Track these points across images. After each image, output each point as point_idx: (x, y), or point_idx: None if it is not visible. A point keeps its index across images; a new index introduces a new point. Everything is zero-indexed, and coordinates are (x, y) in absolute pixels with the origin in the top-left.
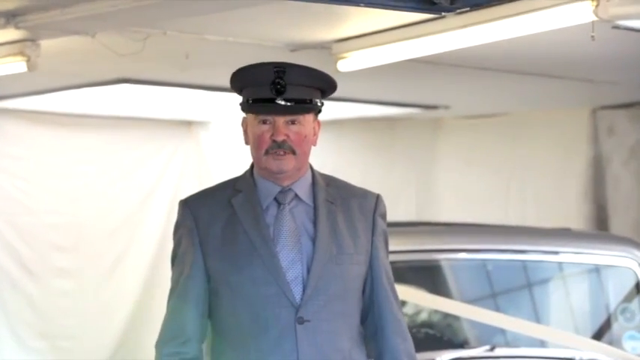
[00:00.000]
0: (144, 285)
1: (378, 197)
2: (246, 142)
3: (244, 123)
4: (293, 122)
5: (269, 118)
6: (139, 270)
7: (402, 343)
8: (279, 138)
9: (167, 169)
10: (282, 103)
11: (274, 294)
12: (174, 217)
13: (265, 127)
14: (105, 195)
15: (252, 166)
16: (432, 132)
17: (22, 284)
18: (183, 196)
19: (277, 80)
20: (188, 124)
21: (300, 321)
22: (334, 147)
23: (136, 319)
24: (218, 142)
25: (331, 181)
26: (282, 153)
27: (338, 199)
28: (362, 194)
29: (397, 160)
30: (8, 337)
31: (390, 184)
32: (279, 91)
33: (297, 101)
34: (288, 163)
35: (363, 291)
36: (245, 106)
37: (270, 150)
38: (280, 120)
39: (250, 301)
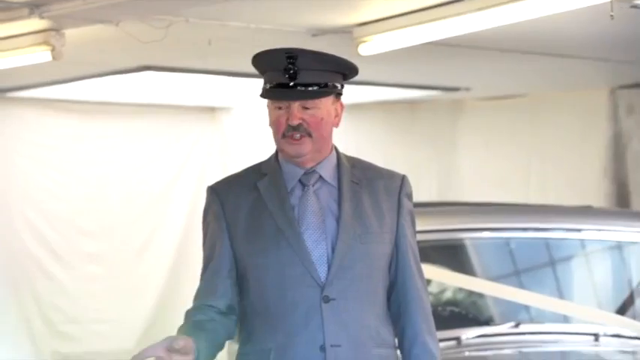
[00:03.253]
0: (171, 268)
1: (403, 178)
2: (270, 125)
3: (267, 109)
4: (306, 107)
5: (283, 103)
6: (166, 253)
7: (424, 322)
8: (294, 122)
9: (191, 155)
10: (296, 88)
11: (300, 274)
12: (199, 201)
13: (281, 112)
14: (131, 181)
15: (277, 149)
16: (453, 114)
17: (52, 270)
18: (208, 181)
19: (289, 66)
20: (211, 110)
21: (326, 300)
22: (357, 130)
23: (164, 302)
24: (241, 128)
25: (356, 163)
26: (297, 137)
27: (363, 180)
28: (388, 175)
29: (419, 142)
30: (40, 323)
31: (412, 166)
32: (292, 77)
33: (310, 86)
34: (305, 146)
35: (389, 270)
36: (262, 92)
37: (286, 133)
38: (295, 104)
39: (277, 282)
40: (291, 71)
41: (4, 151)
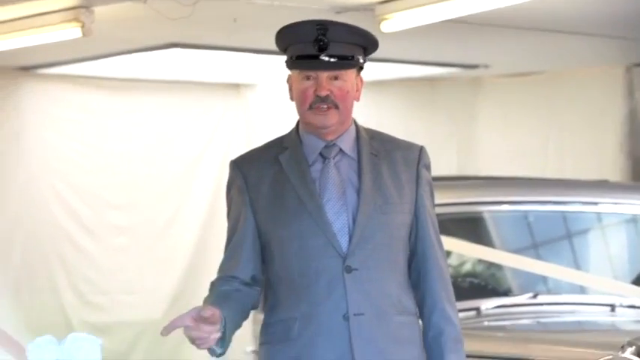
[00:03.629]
0: (197, 240)
1: (421, 149)
2: (292, 99)
3: (289, 80)
4: (336, 78)
5: (312, 73)
6: (192, 226)
7: (443, 289)
8: (323, 93)
9: (216, 130)
10: (326, 59)
11: (322, 245)
12: (224, 176)
13: (309, 83)
14: (158, 155)
15: (297, 123)
16: (472, 90)
17: (81, 242)
18: (233, 157)
19: (320, 37)
20: (236, 86)
21: (348, 270)
22: (379, 107)
23: (191, 273)
24: (265, 104)
25: (375, 135)
26: (325, 107)
27: (382, 151)
28: (406, 146)
29: (439, 118)
30: (71, 295)
31: (433, 142)
32: (322, 48)
33: (340, 57)
34: (332, 117)
35: (409, 239)
36: (289, 63)
37: (313, 105)
38: (323, 75)
39: (299, 253)
40: (322, 42)
41: (35, 126)
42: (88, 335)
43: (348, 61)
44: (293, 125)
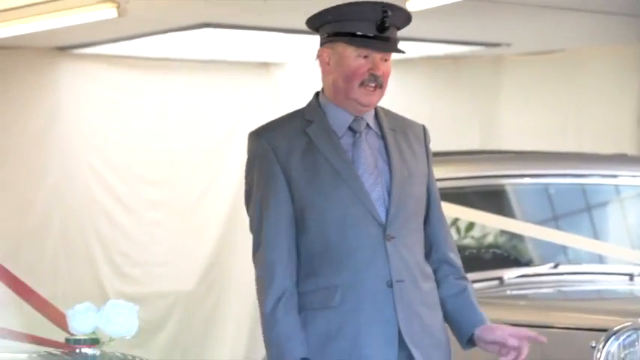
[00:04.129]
0: (228, 215)
1: (424, 127)
2: (326, 72)
3: (326, 54)
4: (385, 60)
5: (369, 53)
6: (223, 202)
7: (454, 253)
8: (379, 72)
9: (246, 108)
10: (384, 40)
11: (362, 214)
12: None
13: (363, 62)
14: (190, 133)
15: (316, 95)
16: (495, 68)
17: (117, 216)
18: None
19: (384, 19)
20: (266, 65)
21: (388, 238)
22: (403, 86)
23: (221, 247)
24: (293, 83)
25: (387, 112)
26: (373, 87)
27: (397, 127)
28: (413, 124)
29: (462, 97)
30: (106, 266)
31: (456, 119)
32: (383, 30)
33: (393, 40)
34: (376, 96)
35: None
36: (348, 39)
37: (366, 82)
38: (378, 56)
39: (339, 222)
40: (385, 25)
41: (72, 105)
42: (125, 302)
43: (397, 45)
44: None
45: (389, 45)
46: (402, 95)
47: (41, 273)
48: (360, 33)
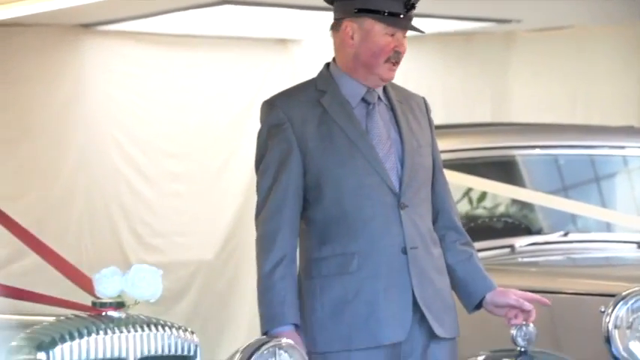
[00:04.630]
0: (246, 187)
1: (424, 98)
2: (348, 46)
3: (350, 28)
4: (404, 37)
5: (394, 30)
6: (242, 174)
7: (459, 222)
8: (403, 50)
9: (264, 84)
10: (409, 20)
11: (377, 183)
12: None
13: (390, 39)
14: (209, 107)
15: (326, 66)
16: (505, 45)
17: (140, 188)
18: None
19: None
20: (283, 42)
21: (402, 206)
22: (415, 62)
23: (241, 217)
24: (310, 59)
25: (392, 85)
26: (395, 63)
27: (402, 99)
28: (414, 95)
29: (473, 73)
30: (129, 236)
31: (467, 94)
32: (409, 9)
33: (412, 19)
34: (394, 73)
35: None
36: (378, 17)
37: (391, 59)
38: (401, 35)
39: (354, 190)
40: (412, 5)
41: (96, 80)
42: (149, 266)
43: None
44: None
45: (413, 25)
46: (414, 71)
47: (66, 243)
48: (389, 11)
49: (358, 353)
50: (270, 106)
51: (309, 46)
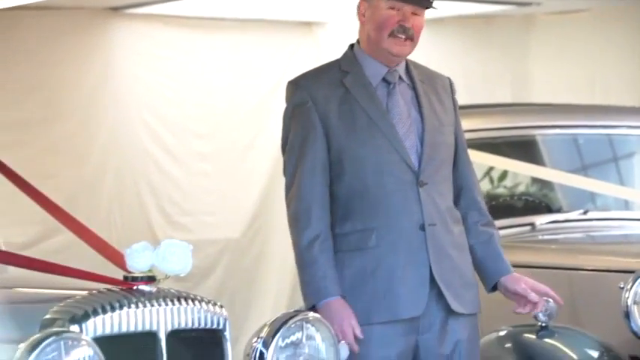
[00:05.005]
0: (272, 168)
1: (450, 78)
2: (362, 24)
3: (362, 7)
4: (416, 14)
5: (398, 5)
6: (267, 154)
7: (482, 201)
8: (409, 24)
9: (289, 66)
10: None
11: (396, 161)
12: None
13: (393, 13)
14: (236, 88)
15: (351, 47)
16: (525, 27)
17: (168, 168)
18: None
19: None
20: (308, 24)
21: (421, 184)
22: (435, 45)
23: (266, 197)
24: (334, 41)
25: (416, 64)
26: (403, 38)
27: (425, 79)
28: (439, 75)
29: (493, 56)
30: (158, 215)
31: (488, 77)
32: None
33: None
34: (407, 49)
35: None
36: None
37: (395, 32)
38: (409, 10)
39: (375, 168)
40: None
41: (124, 63)
42: (180, 241)
43: (430, 1)
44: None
45: (422, 0)
46: (435, 54)
47: (96, 221)
48: None
49: (378, 327)
50: (295, 86)
51: (334, 28)
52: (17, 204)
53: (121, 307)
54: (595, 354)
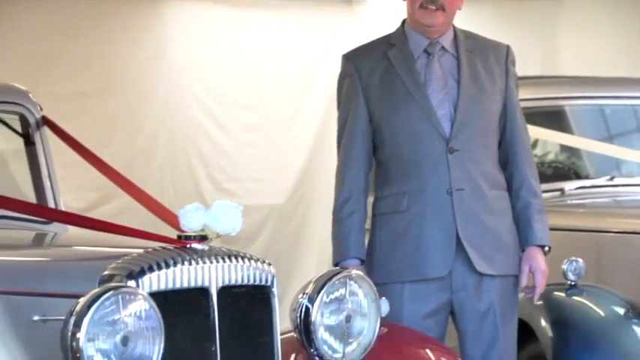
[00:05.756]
0: (315, 138)
1: (508, 47)
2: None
3: None
4: None
5: None
6: (310, 125)
7: (529, 168)
8: None
9: (331, 43)
10: None
11: (428, 129)
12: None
13: None
14: (281, 64)
15: (403, 22)
16: (554, 7)
17: (217, 138)
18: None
19: None
20: (349, 2)
21: (451, 151)
22: (470, 23)
23: (309, 166)
24: (375, 19)
25: (469, 34)
26: (433, 8)
27: (476, 49)
28: (495, 44)
29: (524, 33)
30: (207, 182)
31: (518, 55)
32: None
33: None
34: (438, 18)
35: (500, 125)
36: None
37: (424, 3)
38: None
39: (408, 136)
40: None
41: (177, 39)
42: (231, 202)
43: None
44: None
45: None
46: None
47: (149, 187)
48: None
49: (410, 285)
50: (345, 59)
51: (374, 6)
52: (76, 172)
53: (175, 264)
54: (621, 310)
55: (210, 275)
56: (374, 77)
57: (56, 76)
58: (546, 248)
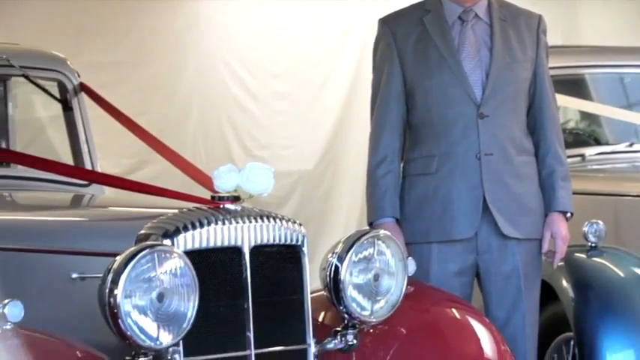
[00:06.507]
0: (343, 105)
1: (540, 16)
2: None
3: None
4: None
5: None
6: (338, 94)
7: (555, 136)
8: None
9: (357, 14)
10: None
11: (460, 94)
12: (368, 51)
13: None
14: (310, 34)
15: None
16: None
17: (248, 106)
18: (372, 38)
19: None
20: None
21: (481, 116)
22: None
23: (338, 132)
24: None
25: (503, 3)
26: None
27: (509, 17)
28: (527, 13)
29: (546, 6)
30: (238, 149)
31: None
32: None
33: None
34: None
35: (529, 92)
36: None
37: None
38: None
39: (440, 100)
40: None
41: (209, 12)
42: (263, 164)
43: None
44: None
45: None
46: None
47: (183, 154)
48: None
49: (436, 245)
50: (382, 23)
51: None
52: (112, 139)
53: (208, 224)
54: (639, 271)
55: (243, 235)
56: (409, 42)
57: (93, 46)
58: (568, 214)
